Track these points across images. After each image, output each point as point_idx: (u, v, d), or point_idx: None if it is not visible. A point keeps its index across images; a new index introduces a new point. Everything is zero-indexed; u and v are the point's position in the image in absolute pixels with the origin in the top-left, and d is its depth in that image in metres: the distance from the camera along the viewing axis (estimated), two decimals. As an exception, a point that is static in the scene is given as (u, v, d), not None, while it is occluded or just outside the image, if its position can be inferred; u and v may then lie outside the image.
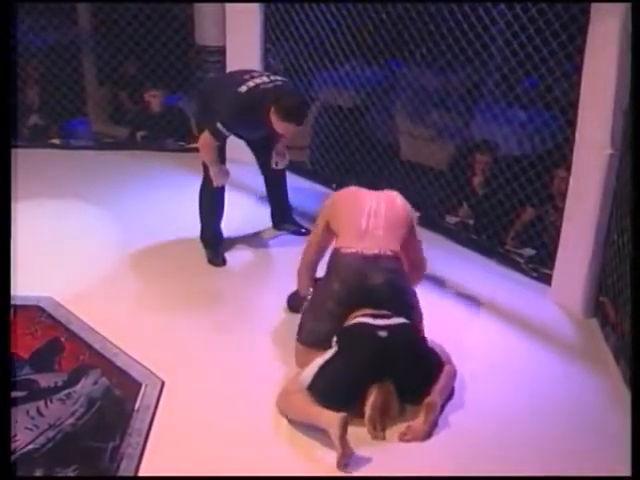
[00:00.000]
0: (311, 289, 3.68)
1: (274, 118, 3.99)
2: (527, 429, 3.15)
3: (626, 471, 2.49)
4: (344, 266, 3.45)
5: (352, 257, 3.43)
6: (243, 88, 4.10)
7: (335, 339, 3.25)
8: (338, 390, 3.07)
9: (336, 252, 3.52)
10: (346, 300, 3.38)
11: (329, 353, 3.20)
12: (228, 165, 4.33)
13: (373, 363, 3.10)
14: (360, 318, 3.27)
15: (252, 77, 4.19)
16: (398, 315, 3.29)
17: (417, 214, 3.91)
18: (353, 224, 3.55)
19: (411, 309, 3.45)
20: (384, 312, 3.27)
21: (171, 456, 2.92)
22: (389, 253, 3.46)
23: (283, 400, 3.16)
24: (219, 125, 4.04)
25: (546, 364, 3.61)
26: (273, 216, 4.83)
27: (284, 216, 4.81)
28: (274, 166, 4.50)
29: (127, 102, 6.62)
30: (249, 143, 4.59)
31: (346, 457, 2.86)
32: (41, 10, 6.23)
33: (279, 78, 4.34)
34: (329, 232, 3.71)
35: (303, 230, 4.73)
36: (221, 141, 4.15)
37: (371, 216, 3.57)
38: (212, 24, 5.72)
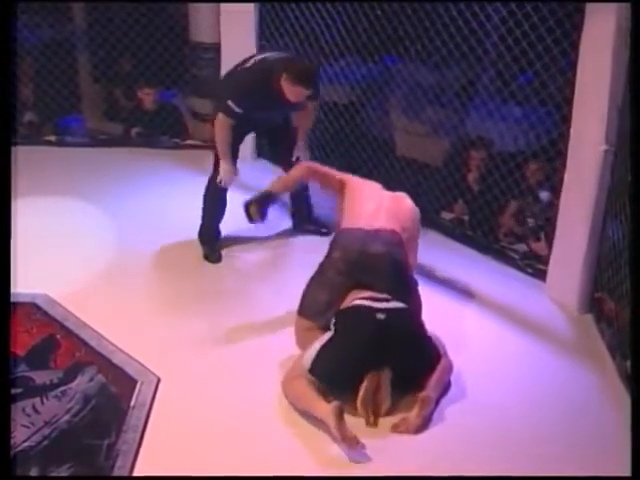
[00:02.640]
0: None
1: (285, 85, 3.99)
2: (522, 425, 3.15)
3: (624, 470, 2.49)
4: (345, 238, 3.56)
5: (354, 230, 3.56)
6: (249, 63, 4.19)
7: (333, 321, 3.27)
8: (337, 372, 3.11)
9: (339, 232, 3.64)
10: (346, 268, 3.44)
11: (328, 335, 3.22)
12: None
13: (371, 345, 3.11)
14: (359, 301, 3.28)
15: (259, 54, 4.34)
16: (397, 294, 3.33)
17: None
18: (357, 211, 3.67)
19: (410, 288, 3.51)
20: (384, 296, 3.29)
21: (167, 453, 2.92)
22: (390, 229, 3.57)
23: (286, 385, 3.20)
24: (230, 102, 4.06)
25: (541, 360, 3.61)
26: (294, 216, 4.79)
27: (305, 216, 4.76)
28: (294, 159, 4.43)
29: (122, 99, 6.60)
30: (265, 134, 4.65)
31: (349, 444, 2.86)
32: (36, 7, 6.21)
33: (285, 53, 4.44)
34: (338, 185, 3.88)
35: (324, 230, 4.66)
36: (234, 119, 4.12)
37: (376, 206, 3.69)
38: (207, 21, 5.71)
